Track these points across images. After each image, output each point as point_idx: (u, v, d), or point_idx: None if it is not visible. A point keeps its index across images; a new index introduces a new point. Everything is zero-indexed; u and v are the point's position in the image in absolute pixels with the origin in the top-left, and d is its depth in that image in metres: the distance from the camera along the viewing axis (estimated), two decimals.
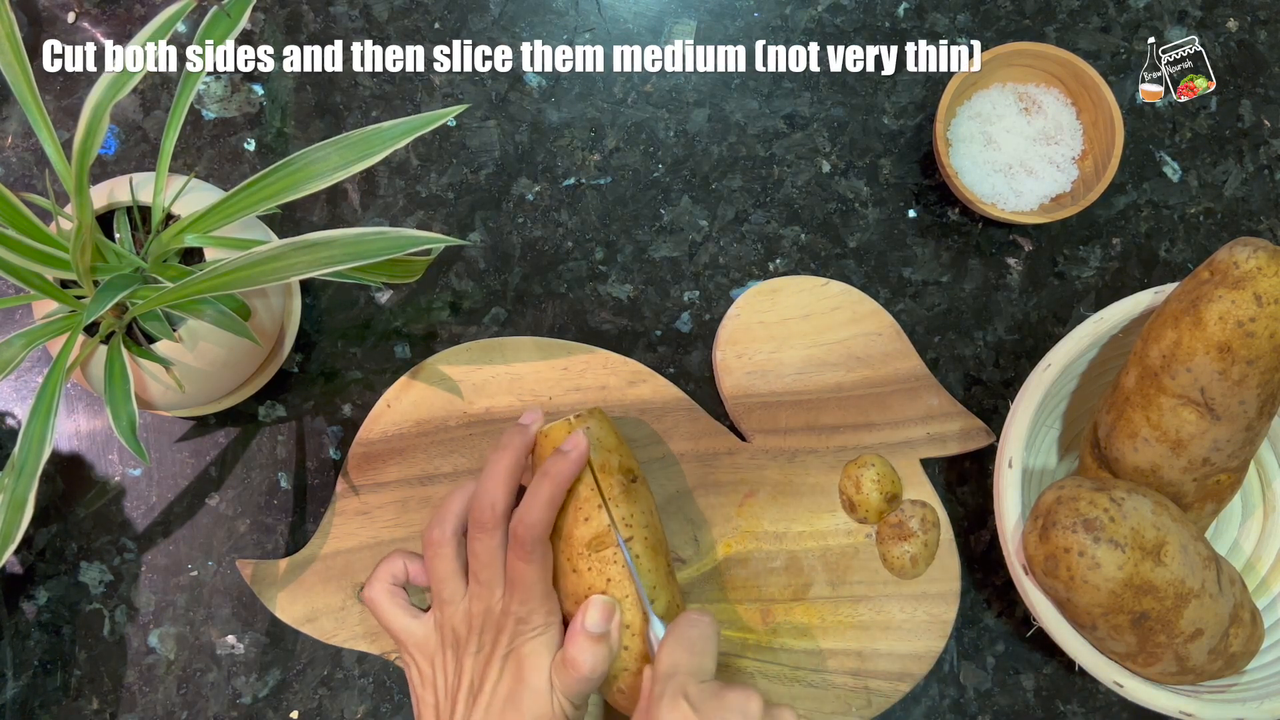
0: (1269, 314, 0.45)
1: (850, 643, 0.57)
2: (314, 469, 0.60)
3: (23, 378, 0.61)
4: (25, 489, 0.47)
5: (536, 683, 0.48)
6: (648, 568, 0.50)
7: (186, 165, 0.63)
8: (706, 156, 0.64)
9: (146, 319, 0.50)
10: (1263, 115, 0.65)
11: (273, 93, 0.64)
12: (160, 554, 0.59)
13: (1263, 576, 0.57)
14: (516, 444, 0.51)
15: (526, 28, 0.65)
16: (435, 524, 0.51)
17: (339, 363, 0.61)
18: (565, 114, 0.64)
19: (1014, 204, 0.61)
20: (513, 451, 0.51)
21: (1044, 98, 0.62)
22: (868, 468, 0.58)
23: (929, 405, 0.59)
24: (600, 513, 0.50)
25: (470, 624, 0.50)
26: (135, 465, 0.60)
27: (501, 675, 0.49)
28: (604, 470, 0.51)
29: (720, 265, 0.63)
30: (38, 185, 0.62)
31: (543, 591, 0.49)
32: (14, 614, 0.59)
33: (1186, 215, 0.64)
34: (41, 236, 0.47)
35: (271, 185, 0.49)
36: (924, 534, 0.57)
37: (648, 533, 0.51)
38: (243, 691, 0.58)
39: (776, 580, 0.58)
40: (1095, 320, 0.52)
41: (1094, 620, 0.47)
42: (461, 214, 0.63)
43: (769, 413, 0.59)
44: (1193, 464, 0.49)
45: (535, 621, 0.49)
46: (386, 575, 0.52)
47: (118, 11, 0.65)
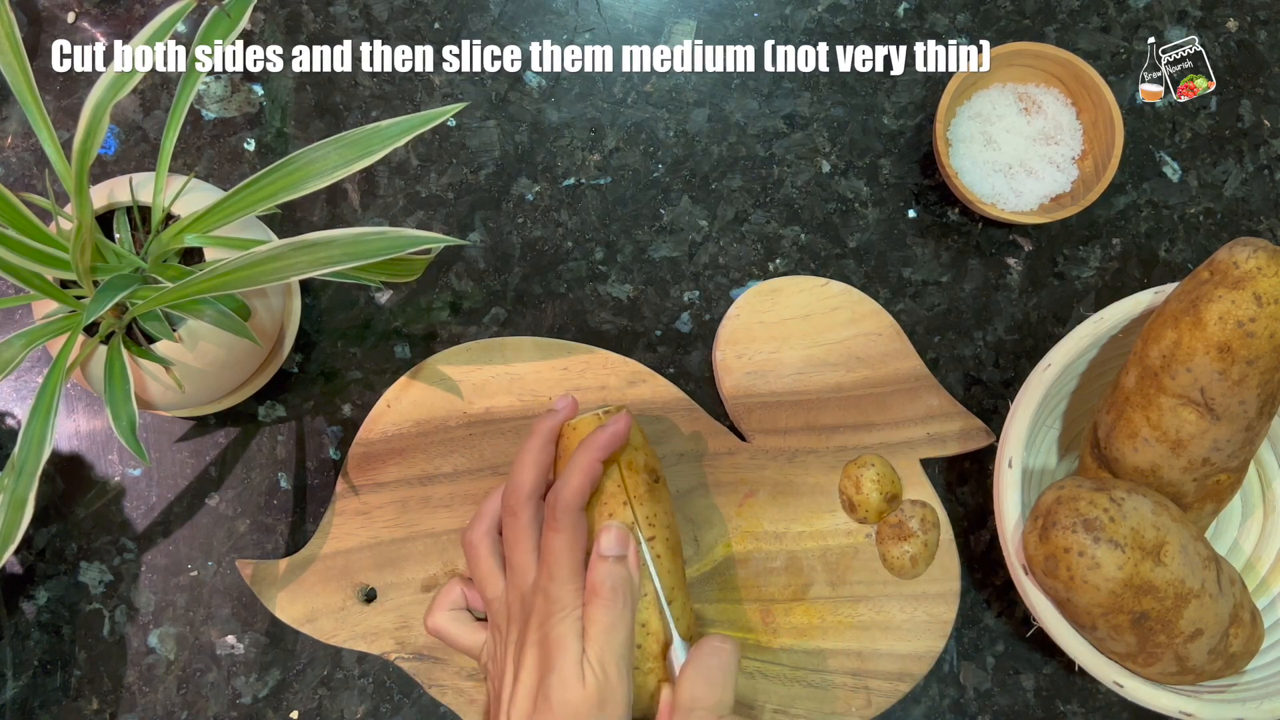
0: (1269, 314, 0.45)
1: (850, 643, 0.57)
2: (314, 469, 0.60)
3: (23, 378, 0.61)
4: (25, 489, 0.47)
5: (565, 667, 0.45)
6: (667, 569, 0.50)
7: (186, 165, 0.63)
8: (706, 156, 0.64)
9: (146, 319, 0.50)
10: (1263, 115, 0.65)
11: (272, 93, 0.64)
12: (160, 554, 0.59)
13: (1263, 576, 0.57)
14: (545, 428, 0.50)
15: (526, 28, 0.65)
16: (471, 526, 0.51)
17: (339, 363, 0.61)
18: (565, 114, 0.64)
19: (1014, 204, 0.61)
20: (540, 436, 0.50)
21: (1044, 98, 0.62)
22: (868, 468, 0.58)
23: (929, 405, 0.59)
24: (625, 510, 0.50)
25: (509, 614, 0.48)
26: (135, 465, 0.60)
27: (530, 664, 0.46)
28: (630, 468, 0.51)
29: (720, 265, 0.63)
30: (38, 185, 0.62)
31: (573, 568, 0.46)
32: (14, 614, 0.59)
33: (1186, 215, 0.64)
34: (41, 236, 0.47)
35: (271, 185, 0.49)
36: (924, 534, 0.57)
37: (668, 534, 0.51)
38: (243, 691, 0.58)
39: (776, 580, 0.58)
40: (1095, 320, 0.52)
41: (1094, 620, 0.47)
42: (461, 214, 0.63)
43: (769, 413, 0.59)
44: (1193, 464, 0.49)
45: (565, 601, 0.46)
46: (446, 602, 0.52)
47: (118, 11, 0.65)
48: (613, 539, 0.47)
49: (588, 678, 0.45)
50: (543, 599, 0.46)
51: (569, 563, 0.46)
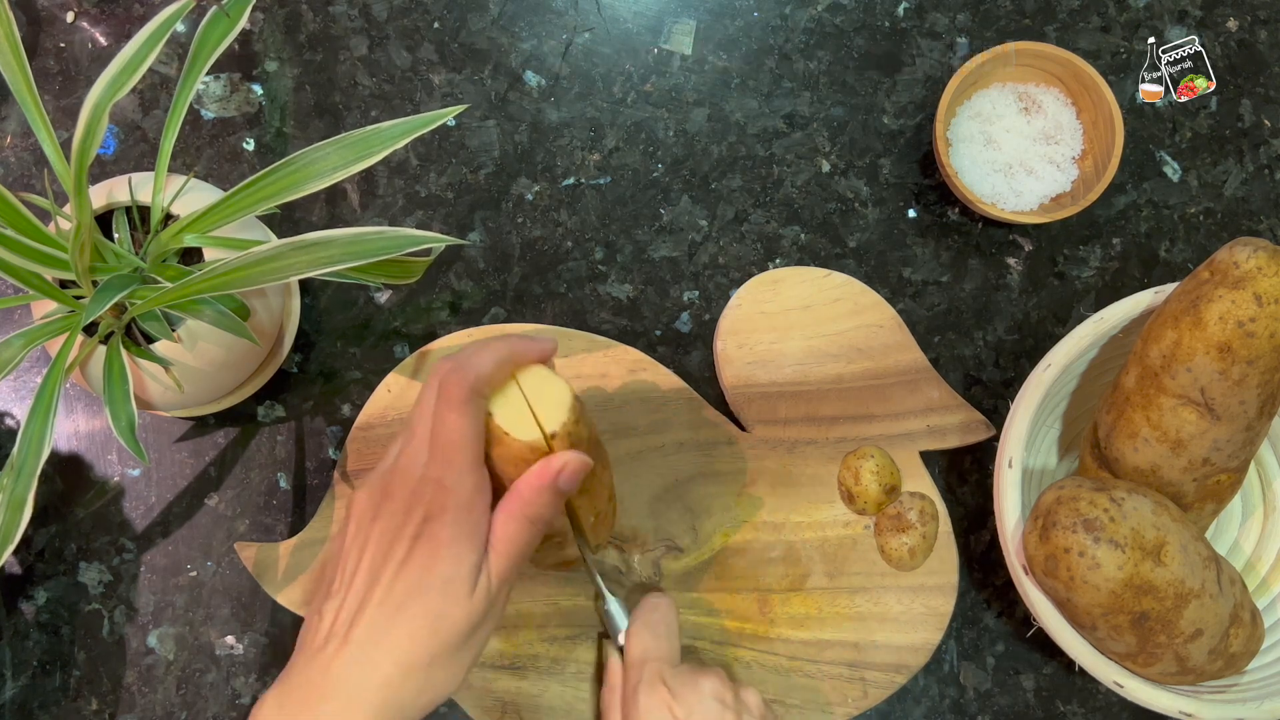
0: (1269, 314, 0.45)
1: (847, 634, 0.57)
2: (313, 469, 0.60)
3: (22, 378, 0.61)
4: (24, 489, 0.47)
5: (454, 576, 0.39)
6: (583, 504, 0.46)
7: (186, 165, 0.63)
8: (706, 156, 0.64)
9: (145, 319, 0.50)
10: (1263, 115, 0.65)
11: (272, 92, 0.64)
12: (159, 554, 0.59)
13: (1263, 576, 0.57)
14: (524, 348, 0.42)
15: (526, 27, 0.65)
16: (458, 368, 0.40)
17: (338, 363, 0.61)
18: (565, 113, 0.64)
19: (1014, 204, 0.61)
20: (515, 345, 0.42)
21: (1044, 98, 0.62)
22: (867, 459, 0.58)
23: (929, 398, 0.59)
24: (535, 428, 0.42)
25: (388, 486, 0.41)
26: (134, 465, 0.60)
27: (409, 557, 0.39)
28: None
29: (720, 265, 0.63)
30: (37, 185, 0.62)
31: (474, 459, 0.40)
32: (13, 614, 0.59)
33: (1186, 215, 0.64)
34: (40, 236, 0.47)
35: (271, 185, 0.49)
36: (922, 526, 0.57)
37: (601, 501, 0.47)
38: (242, 692, 0.58)
39: (774, 570, 0.58)
40: (1095, 320, 0.52)
41: (1094, 620, 0.47)
42: (461, 214, 0.63)
43: (769, 403, 0.59)
44: (1193, 464, 0.49)
45: (460, 495, 0.39)
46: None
47: (117, 11, 0.64)
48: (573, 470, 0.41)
49: (479, 591, 0.40)
50: (434, 489, 0.39)
51: (472, 456, 0.40)
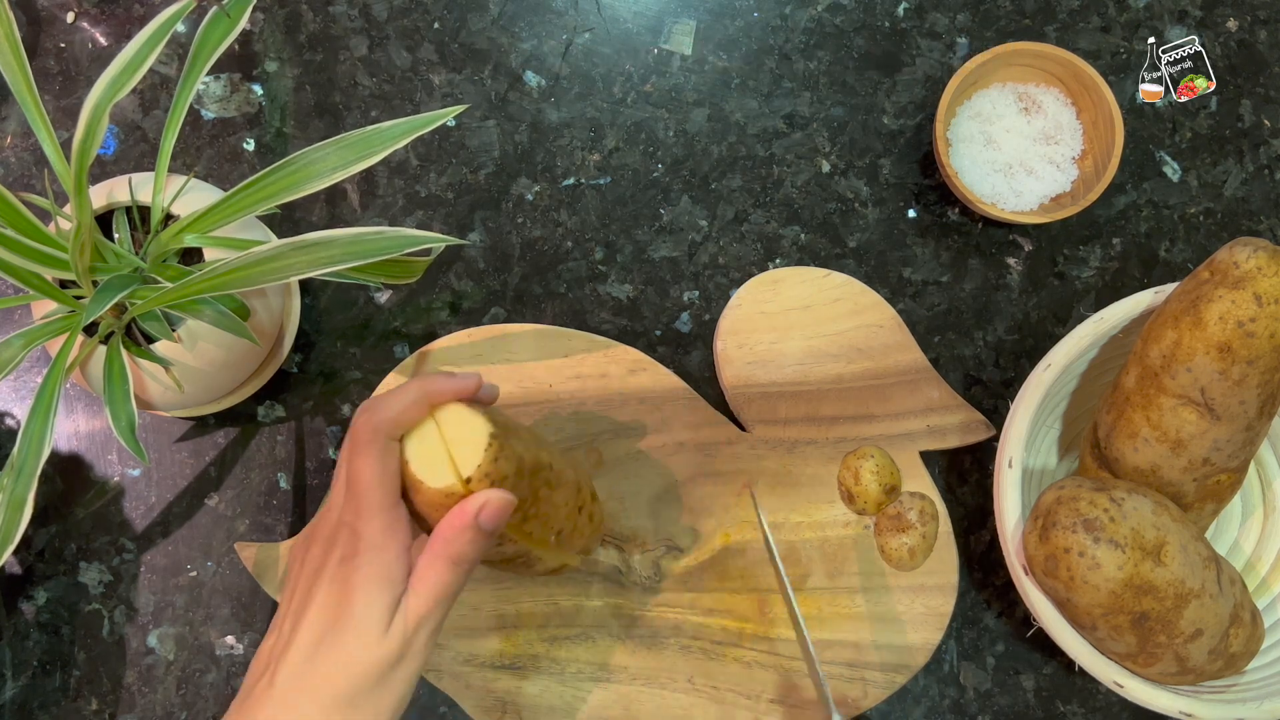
0: (1269, 314, 0.45)
1: (847, 634, 0.57)
2: (313, 469, 0.60)
3: (22, 378, 0.61)
4: (24, 489, 0.47)
5: (365, 617, 0.39)
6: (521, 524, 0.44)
7: (186, 165, 0.63)
8: (706, 156, 0.64)
9: (146, 319, 0.50)
10: (1263, 115, 0.65)
11: (272, 92, 0.64)
12: (159, 554, 0.59)
13: (1263, 576, 0.57)
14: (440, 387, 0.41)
15: (526, 27, 0.65)
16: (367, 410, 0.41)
17: (338, 363, 0.61)
18: (565, 114, 0.64)
19: (1014, 204, 0.61)
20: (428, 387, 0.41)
21: (1044, 98, 0.62)
22: (867, 459, 0.58)
23: (929, 398, 0.59)
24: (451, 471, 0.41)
25: (313, 531, 0.42)
26: (134, 465, 0.60)
27: (325, 599, 0.40)
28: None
29: (720, 265, 0.63)
30: (37, 185, 0.62)
31: (383, 502, 0.40)
32: (13, 614, 0.59)
33: (1186, 215, 0.64)
34: (40, 237, 0.47)
35: (271, 185, 0.49)
36: (922, 526, 0.57)
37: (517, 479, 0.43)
38: None
39: (774, 571, 0.58)
40: (1095, 320, 0.52)
41: (1094, 620, 0.47)
42: (461, 214, 0.63)
43: (769, 403, 0.59)
44: (1193, 464, 0.49)
45: (373, 541, 0.40)
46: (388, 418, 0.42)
47: (117, 11, 0.64)
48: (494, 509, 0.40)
49: (394, 631, 0.40)
50: (348, 534, 0.40)
51: (380, 498, 0.40)
